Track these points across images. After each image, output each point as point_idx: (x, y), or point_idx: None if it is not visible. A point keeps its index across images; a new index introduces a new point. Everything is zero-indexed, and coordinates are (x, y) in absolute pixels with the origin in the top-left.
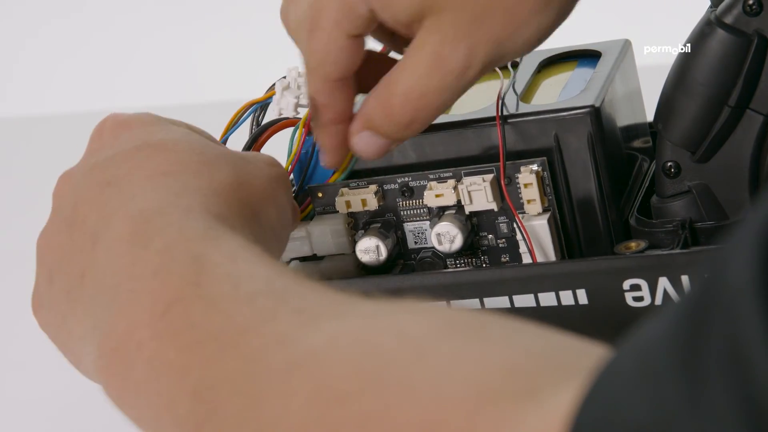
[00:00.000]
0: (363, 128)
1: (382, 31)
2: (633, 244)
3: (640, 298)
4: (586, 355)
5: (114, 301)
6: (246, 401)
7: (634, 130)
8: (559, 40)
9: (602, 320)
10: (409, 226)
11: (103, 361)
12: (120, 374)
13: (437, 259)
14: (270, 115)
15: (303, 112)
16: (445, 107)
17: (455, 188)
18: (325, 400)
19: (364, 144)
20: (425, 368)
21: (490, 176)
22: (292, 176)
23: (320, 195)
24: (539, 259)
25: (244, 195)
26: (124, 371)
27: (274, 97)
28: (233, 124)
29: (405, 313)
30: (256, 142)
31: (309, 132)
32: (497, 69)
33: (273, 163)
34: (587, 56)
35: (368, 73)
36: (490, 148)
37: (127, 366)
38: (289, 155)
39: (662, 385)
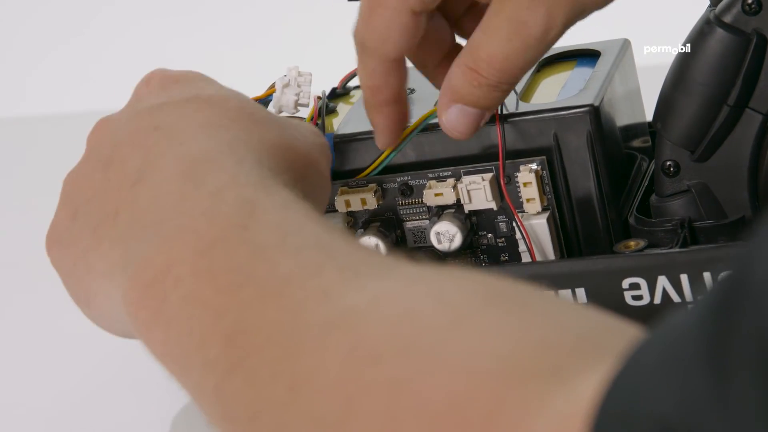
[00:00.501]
0: (451, 102)
1: (445, 6)
2: (632, 243)
3: (639, 297)
4: (623, 336)
5: (156, 236)
6: (280, 352)
7: (633, 130)
8: (559, 40)
9: None
10: (408, 225)
11: (135, 294)
12: (152, 308)
13: (437, 258)
14: None
15: (302, 111)
16: (531, 66)
17: (454, 187)
18: (360, 361)
19: (455, 119)
20: (459, 338)
21: (489, 175)
22: None
23: None
24: (538, 258)
25: (291, 157)
26: (157, 305)
27: (275, 95)
28: None
29: (447, 279)
30: None
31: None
32: None
33: (317, 132)
34: (586, 56)
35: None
36: (489, 147)
37: (160, 300)
38: None
39: (688, 377)
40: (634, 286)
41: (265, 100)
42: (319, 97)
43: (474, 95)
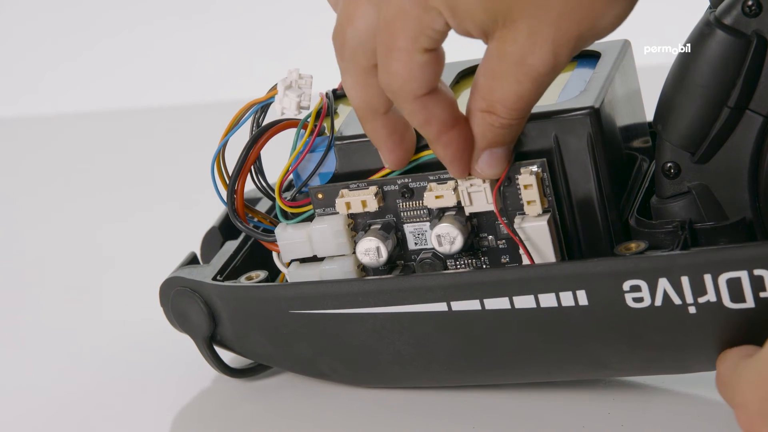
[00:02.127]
0: (481, 150)
1: None
2: (633, 245)
3: (640, 299)
4: None
5: None
6: None
7: (633, 131)
8: None
9: (602, 321)
10: (409, 228)
11: None
12: None
13: (437, 261)
14: (271, 116)
15: (304, 113)
16: (545, 91)
17: (455, 189)
18: None
19: (488, 164)
20: None
21: None
22: (291, 176)
23: (320, 196)
24: (539, 260)
25: None
26: None
27: (276, 96)
28: (234, 125)
29: None
30: (256, 143)
31: (318, 133)
32: None
33: None
34: (586, 57)
35: None
36: None
37: None
38: (290, 156)
39: None
40: (635, 288)
41: (266, 102)
42: (326, 95)
43: (498, 135)
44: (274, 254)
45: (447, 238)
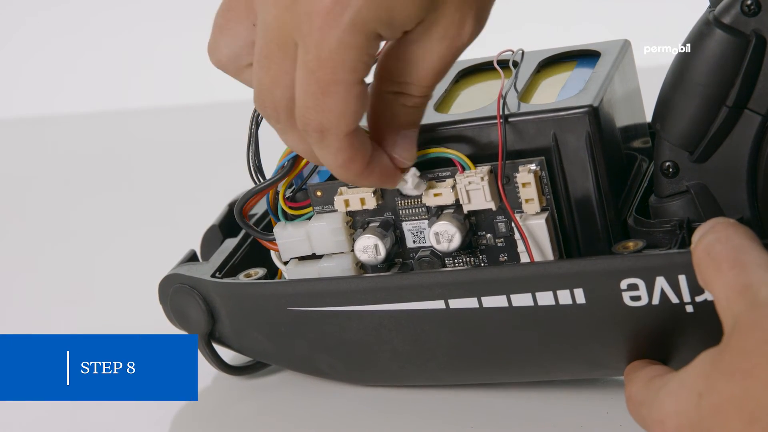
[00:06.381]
0: (395, 134)
1: None
2: (631, 244)
3: (637, 298)
4: None
5: None
6: None
7: (633, 131)
8: (559, 40)
9: (600, 320)
10: (407, 225)
11: None
12: None
13: (435, 258)
14: None
15: None
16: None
17: (453, 187)
18: None
19: (405, 149)
20: None
21: (488, 175)
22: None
23: (319, 194)
24: (537, 258)
25: None
26: None
27: None
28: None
29: None
30: (289, 173)
31: None
32: (498, 68)
33: None
34: (586, 56)
35: None
36: (488, 147)
37: None
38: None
39: None
40: (633, 287)
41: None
42: None
43: (410, 115)
44: (273, 251)
45: (445, 236)
